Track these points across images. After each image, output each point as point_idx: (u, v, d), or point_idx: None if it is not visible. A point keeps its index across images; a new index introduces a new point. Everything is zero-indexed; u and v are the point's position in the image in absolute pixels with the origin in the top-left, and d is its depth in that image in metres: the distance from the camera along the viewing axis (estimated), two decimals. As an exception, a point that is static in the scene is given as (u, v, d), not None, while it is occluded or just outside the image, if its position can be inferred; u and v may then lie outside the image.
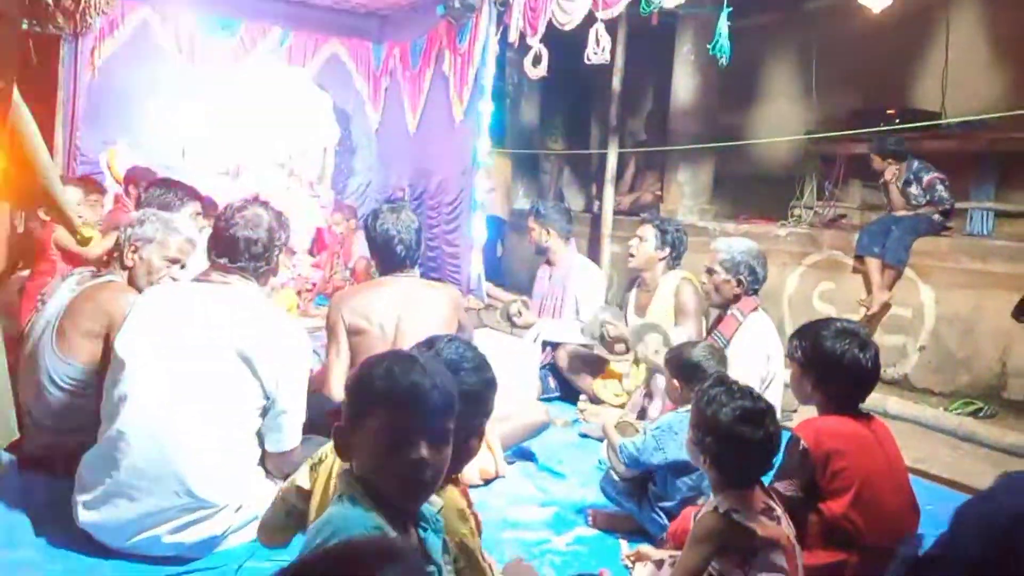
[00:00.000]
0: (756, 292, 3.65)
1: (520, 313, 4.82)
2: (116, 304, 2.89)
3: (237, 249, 2.62)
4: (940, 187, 5.21)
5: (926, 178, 5.25)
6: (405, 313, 2.96)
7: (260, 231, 2.64)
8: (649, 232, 4.30)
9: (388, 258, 3.14)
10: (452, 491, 1.93)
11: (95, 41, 6.47)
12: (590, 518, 2.99)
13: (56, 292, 3.08)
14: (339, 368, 3.01)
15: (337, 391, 2.99)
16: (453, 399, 1.60)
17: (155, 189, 4.16)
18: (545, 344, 4.71)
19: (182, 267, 3.16)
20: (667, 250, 4.28)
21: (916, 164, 5.35)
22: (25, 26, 5.37)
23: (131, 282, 3.05)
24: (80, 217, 3.21)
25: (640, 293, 4.46)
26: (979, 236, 5.66)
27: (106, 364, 2.82)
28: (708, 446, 2.13)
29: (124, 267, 3.06)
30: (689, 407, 2.32)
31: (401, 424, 1.52)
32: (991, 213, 5.86)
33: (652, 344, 3.55)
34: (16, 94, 1.56)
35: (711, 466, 2.14)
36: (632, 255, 4.38)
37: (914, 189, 5.31)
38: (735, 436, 2.08)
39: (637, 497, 2.86)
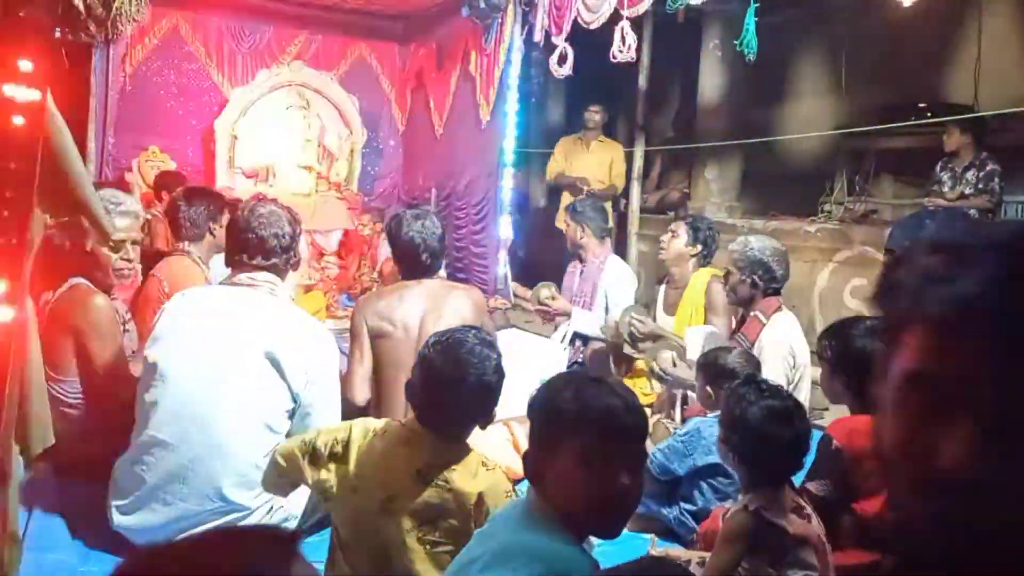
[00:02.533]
0: (776, 292, 3.52)
1: (554, 296, 4.64)
2: (77, 311, 2.84)
3: (266, 247, 2.66)
4: (996, 180, 5.18)
5: (989, 166, 5.21)
6: (429, 315, 2.97)
7: (284, 226, 2.70)
8: (681, 228, 4.29)
9: (412, 265, 3.14)
10: (500, 472, 1.98)
11: (126, 48, 6.55)
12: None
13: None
14: (360, 372, 3.00)
15: (358, 395, 2.98)
16: (646, 419, 1.53)
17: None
18: (575, 338, 4.65)
19: (134, 244, 3.10)
20: (698, 248, 4.25)
21: (984, 152, 5.30)
22: (58, 34, 5.50)
23: (95, 283, 2.95)
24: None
25: (669, 290, 4.42)
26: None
27: (91, 373, 2.85)
28: (736, 444, 2.12)
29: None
30: (718, 412, 2.32)
31: (599, 451, 1.44)
32: (1028, 207, 5.76)
33: (665, 361, 3.52)
34: (50, 101, 1.58)
35: (740, 464, 2.13)
36: (663, 248, 4.37)
37: (971, 175, 5.25)
38: (763, 435, 2.07)
39: (666, 499, 2.85)
